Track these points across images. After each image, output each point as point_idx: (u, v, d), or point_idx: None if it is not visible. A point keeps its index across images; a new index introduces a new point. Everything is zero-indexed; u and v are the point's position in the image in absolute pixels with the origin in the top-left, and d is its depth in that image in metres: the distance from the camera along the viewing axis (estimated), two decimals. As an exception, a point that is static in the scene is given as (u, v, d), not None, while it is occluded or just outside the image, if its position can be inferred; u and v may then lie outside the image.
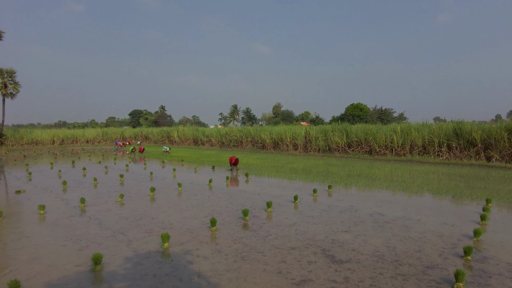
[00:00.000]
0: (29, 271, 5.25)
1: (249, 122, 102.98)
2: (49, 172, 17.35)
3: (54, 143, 45.55)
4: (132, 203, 9.87)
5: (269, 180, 13.75)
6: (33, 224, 7.93)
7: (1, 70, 39.55)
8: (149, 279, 4.91)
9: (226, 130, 36.93)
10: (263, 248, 6.03)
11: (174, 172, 16.36)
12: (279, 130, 30.51)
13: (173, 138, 43.93)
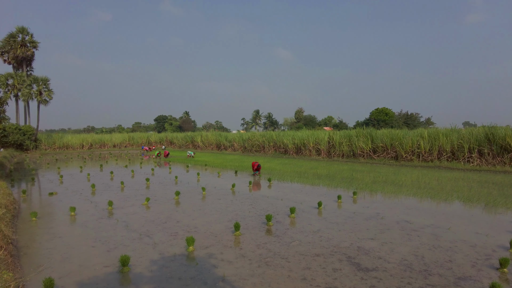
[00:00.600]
0: (61, 270, 5.47)
1: (271, 127, 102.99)
2: (79, 176, 18.04)
3: (83, 147, 47.37)
4: (158, 206, 10.09)
5: (291, 185, 13.68)
6: (64, 225, 8.26)
7: (36, 79, 41.69)
8: (174, 281, 4.98)
9: (249, 135, 37.12)
10: (287, 254, 5.99)
11: (198, 176, 16.59)
12: (302, 135, 30.34)
13: (197, 143, 44.61)
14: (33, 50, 47.12)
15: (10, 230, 7.34)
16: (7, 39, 45.43)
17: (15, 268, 5.30)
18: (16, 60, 46.09)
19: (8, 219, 8.18)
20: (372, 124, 61.40)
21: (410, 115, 72.13)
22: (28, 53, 46.27)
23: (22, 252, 6.42)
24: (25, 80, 41.83)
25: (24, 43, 45.97)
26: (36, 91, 41.49)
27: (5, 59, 46.37)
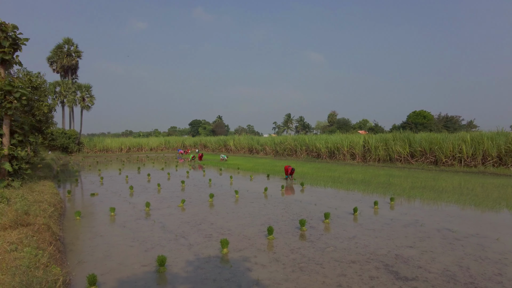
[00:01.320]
0: (103, 267, 5.73)
1: (303, 131, 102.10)
2: (118, 177, 18.88)
3: (122, 150, 49.57)
4: (193, 208, 10.32)
5: (325, 190, 13.45)
6: (105, 225, 8.66)
7: (80, 86, 44.37)
8: (209, 283, 5.06)
9: (280, 139, 37.03)
10: (322, 260, 5.89)
11: (231, 180, 16.78)
12: (335, 139, 29.80)
13: (229, 147, 45.19)
14: (77, 59, 50.23)
15: (57, 228, 7.82)
16: (55, 50, 48.81)
17: (62, 263, 5.63)
18: (63, 69, 49.35)
19: (56, 217, 8.72)
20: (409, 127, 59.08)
21: (450, 118, 68.62)
22: (73, 62, 49.38)
23: (68, 248, 6.81)
24: (70, 87, 44.62)
25: (70, 53, 49.12)
26: (79, 98, 44.16)
27: (54, 69, 49.82)
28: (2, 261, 4.78)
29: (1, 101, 11.45)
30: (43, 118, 19.35)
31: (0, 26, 11.73)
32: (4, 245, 5.39)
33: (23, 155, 12.45)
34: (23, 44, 12.37)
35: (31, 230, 6.35)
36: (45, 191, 11.34)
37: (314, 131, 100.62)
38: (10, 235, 5.91)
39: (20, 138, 12.67)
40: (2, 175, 11.78)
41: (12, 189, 10.99)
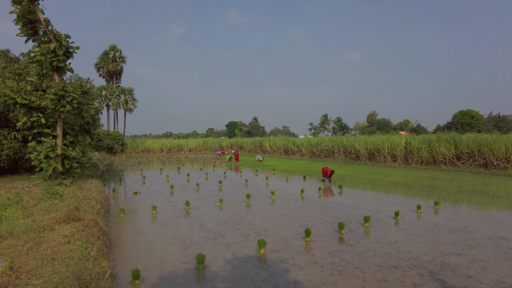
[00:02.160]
0: (145, 263, 5.98)
1: (340, 132, 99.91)
2: (159, 177, 19.62)
3: (163, 151, 51.51)
4: (230, 208, 10.47)
5: (364, 193, 13.06)
6: (147, 222, 9.03)
7: (123, 89, 46.76)
8: (247, 282, 5.10)
9: (317, 140, 36.50)
10: (361, 264, 5.73)
11: (267, 181, 16.82)
12: (375, 140, 28.83)
13: (265, 148, 45.31)
14: (122, 64, 53.00)
15: (104, 224, 8.29)
16: (102, 56, 51.90)
17: (109, 257, 5.95)
18: (108, 74, 52.30)
19: (102, 213, 9.25)
20: (455, 128, 55.79)
21: (502, 118, 63.85)
22: (117, 67, 52.19)
23: (113, 243, 7.19)
24: (115, 91, 47.15)
25: (115, 59, 51.97)
26: (123, 101, 46.54)
27: (100, 74, 52.98)
28: (58, 252, 5.15)
29: (56, 105, 12.37)
30: (91, 120, 20.62)
31: (55, 36, 12.69)
32: (59, 237, 5.81)
33: (73, 155, 13.35)
34: (74, 52, 13.27)
35: (81, 225, 6.78)
36: (93, 189, 12.06)
37: (352, 132, 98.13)
38: (63, 229, 6.36)
39: (71, 139, 13.59)
40: (55, 173, 12.72)
41: (64, 186, 11.82)
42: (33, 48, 12.92)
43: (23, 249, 5.28)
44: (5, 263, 4.53)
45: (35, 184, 12.95)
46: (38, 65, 13.06)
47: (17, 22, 12.43)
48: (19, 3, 12.07)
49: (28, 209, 7.94)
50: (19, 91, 12.48)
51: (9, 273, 4.31)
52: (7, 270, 4.36)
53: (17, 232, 5.97)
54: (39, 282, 4.10)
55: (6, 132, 15.22)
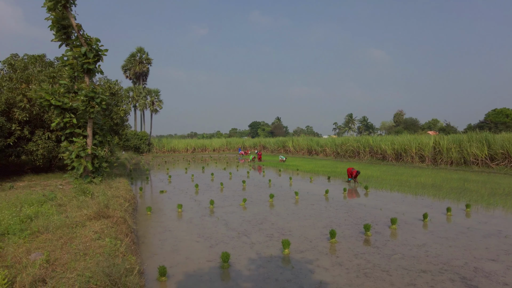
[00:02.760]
0: (171, 260, 6.11)
1: (366, 132, 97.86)
2: (184, 176, 19.98)
3: (187, 151, 52.42)
4: (254, 208, 10.51)
5: (391, 194, 12.73)
6: (173, 220, 9.23)
7: (150, 91, 47.99)
8: (271, 282, 5.10)
9: (342, 140, 35.92)
10: (388, 267, 5.59)
11: (290, 181, 16.75)
12: (402, 140, 28.03)
13: (288, 148, 45.11)
14: (148, 66, 54.40)
15: (132, 221, 8.54)
16: (129, 58, 53.51)
17: (136, 254, 6.13)
18: (135, 75, 53.84)
19: (130, 211, 9.54)
20: (488, 127, 53.24)
21: (541, 117, 60.20)
22: (144, 69, 53.63)
23: (140, 241, 7.40)
24: (141, 92, 48.45)
25: (141, 61, 53.41)
26: (149, 102, 47.77)
27: (127, 75, 54.62)
28: (89, 247, 5.37)
29: (86, 106, 12.88)
30: (119, 121, 21.30)
31: (86, 40, 13.22)
32: (90, 233, 6.05)
33: (102, 155, 13.84)
34: (104, 55, 13.77)
35: (110, 222, 7.03)
36: (121, 187, 12.46)
37: (378, 132, 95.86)
38: (94, 225, 6.61)
39: (100, 139, 14.10)
40: (86, 172, 13.24)
41: (94, 184, 12.29)
42: (66, 52, 13.53)
43: (57, 243, 5.54)
44: (42, 256, 4.77)
45: (67, 182, 13.54)
46: (70, 68, 13.65)
47: (52, 27, 13.04)
48: (54, 9, 12.66)
49: (62, 206, 8.32)
50: (53, 93, 13.09)
51: (45, 266, 4.54)
52: (44, 263, 4.59)
53: (52, 227, 6.27)
54: (73, 275, 4.29)
55: (41, 133, 16.00)
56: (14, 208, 7.64)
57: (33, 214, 7.16)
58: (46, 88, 13.09)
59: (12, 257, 4.85)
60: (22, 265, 4.52)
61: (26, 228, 6.18)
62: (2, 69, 17.90)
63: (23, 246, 5.33)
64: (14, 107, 15.15)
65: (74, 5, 13.04)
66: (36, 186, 12.62)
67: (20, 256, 4.87)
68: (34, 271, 4.25)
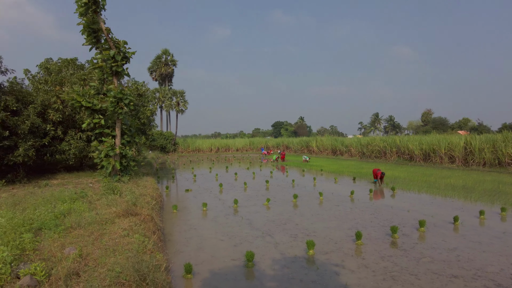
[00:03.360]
0: (197, 258, 6.21)
1: (392, 131, 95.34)
2: (209, 175, 20.25)
3: (212, 150, 53.04)
4: (277, 208, 10.50)
5: (419, 196, 12.34)
6: (198, 219, 9.37)
7: (175, 92, 48.95)
8: (296, 283, 5.08)
9: (368, 140, 35.15)
10: (417, 271, 5.43)
11: (314, 181, 16.59)
12: (431, 140, 27.08)
13: (312, 148, 44.68)
14: (173, 67, 55.53)
15: (158, 219, 8.76)
16: (155, 60, 54.85)
17: (163, 251, 6.28)
18: (161, 77, 55.10)
19: (157, 209, 9.77)
20: (525, 127, 50.47)
21: None
22: (169, 70, 54.81)
23: (167, 238, 7.57)
24: (167, 93, 49.50)
25: (167, 62, 54.60)
26: (175, 103, 48.75)
27: (153, 77, 56.00)
28: (118, 243, 5.55)
29: (115, 107, 13.32)
30: (146, 121, 21.88)
31: (115, 43, 13.68)
32: (119, 230, 6.26)
33: (130, 154, 14.27)
34: (131, 57, 14.20)
35: (138, 220, 7.23)
36: (148, 185, 12.79)
37: (405, 132, 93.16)
38: (123, 223, 6.83)
39: (128, 139, 14.54)
40: (114, 171, 13.69)
41: (122, 183, 12.68)
42: (96, 55, 14.07)
43: (89, 239, 5.77)
44: (75, 251, 4.98)
45: (97, 181, 14.06)
46: (99, 70, 14.18)
47: (83, 32, 13.59)
48: (85, 15, 13.19)
49: (92, 203, 8.65)
50: (84, 95, 13.64)
51: (79, 260, 4.75)
52: (77, 257, 4.80)
53: (83, 224, 6.54)
54: (104, 270, 4.46)
55: (73, 133, 16.71)
56: (49, 205, 8.02)
57: (66, 210, 7.50)
58: (77, 90, 13.66)
59: (48, 250, 5.10)
60: (57, 259, 4.74)
61: (60, 223, 6.48)
62: (38, 73, 18.83)
63: (58, 240, 5.59)
64: (48, 108, 15.90)
65: (103, 9, 13.52)
66: (68, 184, 13.18)
67: (55, 250, 5.11)
68: (68, 265, 4.45)
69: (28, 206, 7.95)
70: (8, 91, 14.80)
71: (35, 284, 3.99)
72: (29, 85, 18.14)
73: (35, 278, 4.06)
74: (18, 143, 13.80)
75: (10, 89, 15.21)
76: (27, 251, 5.01)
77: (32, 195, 9.90)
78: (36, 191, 11.10)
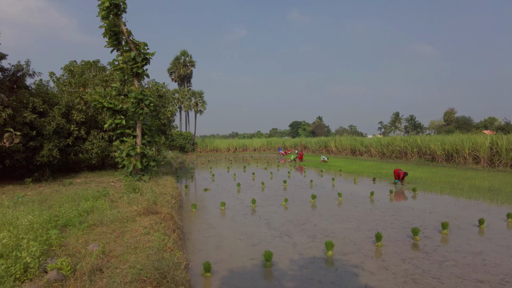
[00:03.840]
0: (215, 257, 6.27)
1: (413, 131, 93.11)
2: (227, 175, 20.37)
3: (229, 150, 53.37)
4: (295, 208, 10.45)
5: (441, 197, 12.00)
6: (216, 218, 9.45)
7: (194, 92, 49.56)
8: (314, 284, 5.05)
9: (388, 140, 34.45)
10: (439, 274, 5.28)
11: (333, 182, 16.41)
12: (454, 140, 26.27)
13: (330, 148, 44.20)
14: (192, 68, 56.18)
15: (178, 218, 8.89)
16: (174, 61, 55.65)
17: (182, 249, 6.37)
18: (180, 78, 55.86)
19: (177, 208, 9.92)
20: (556, 126, 48.15)
21: None
22: (188, 71, 55.46)
23: (186, 236, 7.67)
24: (186, 94, 50.15)
25: (185, 63, 55.29)
26: (193, 103, 49.33)
27: (172, 78, 56.84)
28: (139, 241, 5.68)
29: (135, 107, 13.61)
30: (166, 121, 22.26)
31: (135, 45, 13.98)
32: (140, 228, 6.39)
33: (150, 154, 14.54)
34: (151, 58, 14.47)
35: (158, 218, 7.37)
36: (167, 184, 13.00)
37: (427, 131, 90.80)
38: (143, 221, 6.97)
39: (149, 139, 14.82)
40: (135, 170, 13.99)
41: (142, 182, 12.94)
42: (117, 57, 14.42)
43: (111, 236, 5.93)
44: (98, 247, 5.13)
45: (118, 180, 14.41)
46: (121, 72, 14.53)
47: (105, 35, 13.96)
48: (107, 18, 13.55)
49: (114, 202, 8.87)
50: (105, 96, 14.01)
51: (102, 257, 4.88)
52: (100, 253, 4.94)
53: (106, 221, 6.72)
54: (125, 267, 4.57)
55: (96, 133, 17.19)
56: (73, 203, 8.28)
57: (89, 208, 7.73)
58: (99, 92, 14.05)
59: (73, 246, 5.28)
60: (82, 255, 4.90)
61: (83, 221, 6.68)
62: (63, 75, 19.49)
63: (82, 237, 5.77)
64: (72, 109, 16.43)
65: (124, 12, 13.85)
66: (91, 183, 13.58)
67: (80, 246, 5.28)
68: (92, 261, 4.59)
69: (54, 204, 8.23)
70: (35, 93, 15.41)
71: (62, 278, 4.13)
72: (54, 87, 18.81)
73: (61, 272, 4.21)
74: (43, 143, 14.35)
75: (37, 91, 15.83)
76: (53, 247, 5.20)
77: (58, 193, 10.25)
78: (61, 189, 11.49)
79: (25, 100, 14.09)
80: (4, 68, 14.76)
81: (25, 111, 13.66)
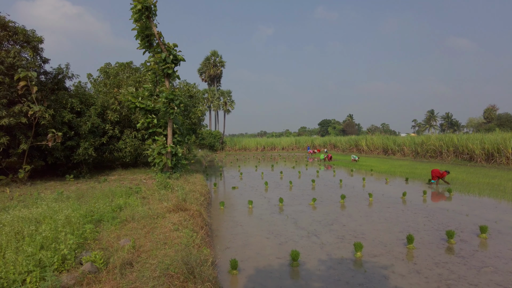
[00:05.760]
0: (242, 255, 6.31)
1: (450, 129, 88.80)
2: (254, 174, 20.45)
3: (257, 149, 53.55)
4: (324, 208, 10.30)
5: (480, 199, 11.36)
6: (244, 216, 9.51)
7: (223, 92, 50.20)
8: (342, 285, 4.95)
9: (422, 139, 33.09)
10: (477, 281, 5.00)
11: (363, 181, 16.01)
12: (495, 139, 24.76)
13: (361, 147, 43.13)
14: (221, 69, 56.85)
15: (206, 215, 9.03)
16: (204, 62, 56.58)
17: (210, 246, 6.47)
18: (210, 78, 56.69)
19: (205, 205, 10.09)
20: None
21: None
22: (217, 71, 56.17)
23: (214, 234, 7.78)
24: (215, 94, 50.88)
25: (215, 64, 56.04)
26: (222, 103, 49.97)
27: (203, 78, 57.80)
28: (168, 237, 5.83)
29: (166, 107, 13.98)
30: (197, 121, 22.69)
31: (165, 46, 14.36)
32: (169, 225, 6.56)
33: (180, 152, 14.89)
34: (182, 60, 14.80)
35: (187, 215, 7.52)
36: (197, 182, 13.25)
37: (464, 130, 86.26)
38: (173, 217, 7.15)
39: (179, 138, 15.18)
40: (166, 168, 14.38)
41: (173, 179, 13.28)
42: (149, 58, 14.89)
43: (142, 232, 6.13)
44: (129, 242, 5.32)
45: (150, 177, 14.88)
46: (152, 73, 14.98)
47: (137, 37, 14.45)
48: (139, 21, 14.02)
49: (145, 198, 9.17)
50: (138, 96, 14.50)
51: (132, 251, 5.07)
52: (131, 248, 5.12)
53: (137, 217, 6.96)
54: (155, 261, 4.70)
55: (129, 132, 17.85)
56: (107, 199, 8.66)
57: (122, 204, 8.04)
58: (132, 92, 14.57)
59: (106, 241, 5.51)
60: (114, 249, 5.10)
61: (116, 216, 6.96)
62: (99, 76, 20.40)
63: (114, 232, 6.01)
64: (107, 109, 17.15)
65: (155, 15, 14.26)
66: (124, 180, 14.11)
67: (112, 240, 5.51)
68: (123, 255, 4.77)
69: (90, 200, 8.65)
70: (73, 94, 16.26)
71: (95, 271, 4.33)
72: (91, 88, 19.74)
73: (95, 265, 4.41)
74: (80, 142, 15.13)
75: (75, 92, 16.69)
76: (88, 240, 5.47)
77: (93, 189, 10.75)
78: (96, 185, 12.04)
79: (64, 100, 14.90)
80: (47, 71, 15.69)
81: (63, 111, 14.45)
